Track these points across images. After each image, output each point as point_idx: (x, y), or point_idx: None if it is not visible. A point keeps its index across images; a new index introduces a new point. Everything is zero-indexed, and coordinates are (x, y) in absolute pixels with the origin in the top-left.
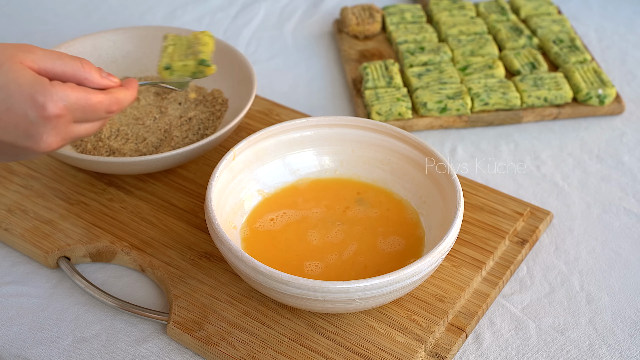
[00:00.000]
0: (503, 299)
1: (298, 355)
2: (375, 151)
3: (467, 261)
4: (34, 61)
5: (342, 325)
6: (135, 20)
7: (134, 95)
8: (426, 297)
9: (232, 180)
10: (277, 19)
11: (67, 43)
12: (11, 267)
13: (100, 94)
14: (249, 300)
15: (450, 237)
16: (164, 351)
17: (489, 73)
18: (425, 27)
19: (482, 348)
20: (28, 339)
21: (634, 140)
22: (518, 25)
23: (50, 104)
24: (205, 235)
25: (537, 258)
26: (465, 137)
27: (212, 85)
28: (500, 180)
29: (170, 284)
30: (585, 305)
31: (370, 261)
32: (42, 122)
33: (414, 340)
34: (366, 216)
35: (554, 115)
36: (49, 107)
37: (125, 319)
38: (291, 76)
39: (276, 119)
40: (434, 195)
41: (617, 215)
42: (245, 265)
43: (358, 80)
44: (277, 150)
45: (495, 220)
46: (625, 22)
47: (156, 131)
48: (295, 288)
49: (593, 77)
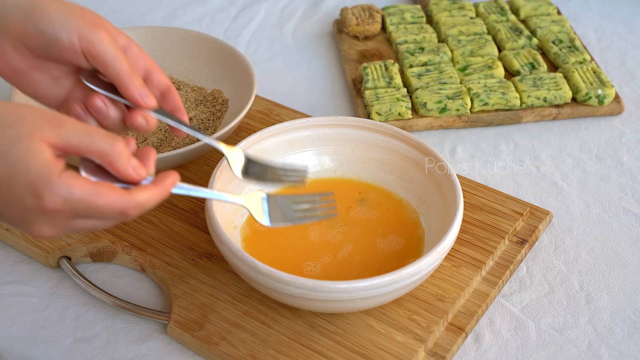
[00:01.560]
0: (503, 299)
1: (298, 354)
2: (375, 151)
3: (466, 261)
4: (59, 136)
5: (342, 325)
6: (136, 20)
7: (163, 195)
8: (426, 296)
9: (232, 180)
10: (277, 19)
11: None
12: (12, 266)
13: (113, 194)
14: (249, 300)
15: (450, 237)
16: (164, 351)
17: (488, 73)
18: (425, 28)
19: (481, 348)
20: (29, 339)
21: (633, 140)
22: (517, 26)
23: (49, 197)
24: (205, 235)
25: (536, 258)
26: (465, 137)
27: (212, 85)
28: (499, 180)
29: (171, 283)
30: (585, 304)
31: (370, 261)
32: (37, 212)
33: (413, 340)
34: (367, 216)
35: (554, 115)
36: (46, 199)
37: (126, 319)
38: (291, 76)
39: (276, 119)
40: (434, 195)
41: (616, 215)
42: (246, 265)
43: (358, 81)
44: (277, 151)
45: (495, 220)
46: (624, 22)
47: (156, 131)
48: (295, 288)
49: (592, 78)
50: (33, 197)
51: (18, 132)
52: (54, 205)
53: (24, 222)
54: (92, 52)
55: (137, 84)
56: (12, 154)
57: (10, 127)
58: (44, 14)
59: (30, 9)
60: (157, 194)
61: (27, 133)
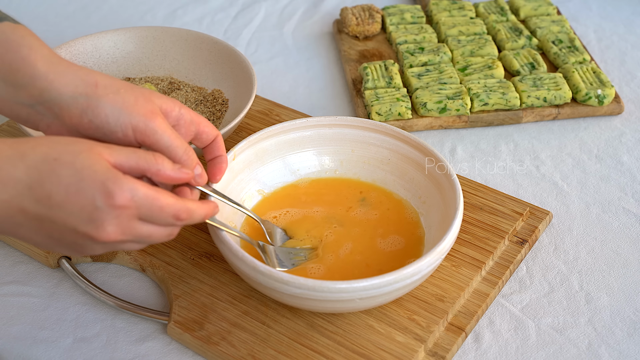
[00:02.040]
0: (502, 299)
1: (298, 354)
2: (375, 151)
3: (466, 261)
4: (111, 154)
5: (342, 325)
6: (136, 20)
7: (208, 212)
8: (426, 296)
9: (232, 180)
10: (277, 20)
11: (68, 43)
12: (12, 266)
13: (170, 197)
14: (249, 300)
15: (450, 237)
16: (164, 351)
17: (488, 73)
18: (425, 28)
19: (481, 348)
20: (29, 339)
21: (633, 140)
22: (517, 26)
23: (119, 192)
24: (205, 235)
25: (536, 258)
26: (465, 137)
27: (212, 85)
28: (499, 180)
29: (171, 283)
30: (585, 304)
31: (371, 260)
32: (107, 209)
33: (413, 340)
34: (367, 216)
35: (554, 115)
36: (116, 195)
37: (126, 319)
38: (291, 76)
39: (276, 119)
40: (434, 195)
41: (616, 215)
42: (246, 265)
43: (358, 81)
44: (277, 151)
45: (495, 220)
46: (624, 22)
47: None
48: (295, 288)
49: (592, 78)
50: (103, 194)
51: (78, 147)
52: (123, 200)
53: (91, 224)
54: (147, 142)
55: (190, 164)
56: (77, 163)
57: (70, 144)
58: (99, 109)
59: (86, 103)
60: (205, 205)
61: (86, 147)
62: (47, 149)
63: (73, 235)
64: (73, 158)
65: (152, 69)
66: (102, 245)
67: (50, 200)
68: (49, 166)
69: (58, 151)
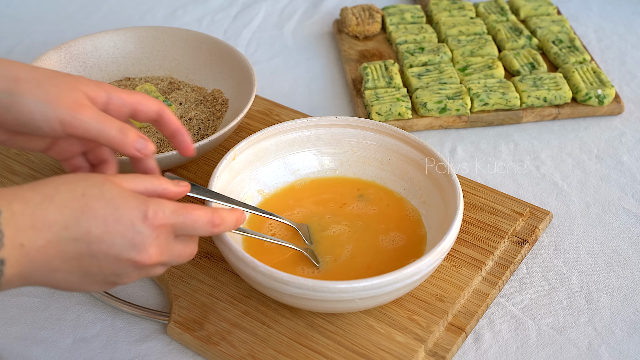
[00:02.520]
0: (503, 299)
1: (298, 354)
2: (375, 151)
3: (466, 261)
4: (126, 182)
5: (342, 325)
6: (136, 20)
7: (238, 217)
8: (426, 296)
9: (232, 180)
10: (277, 20)
11: (68, 43)
12: None
13: (200, 207)
14: (249, 300)
15: (450, 237)
16: (164, 351)
17: (488, 73)
18: (425, 28)
19: (481, 348)
20: (29, 339)
21: (633, 141)
22: (517, 26)
23: (153, 213)
24: None
25: (536, 258)
26: (465, 137)
27: (212, 85)
28: (499, 180)
29: (171, 283)
30: (585, 304)
31: (372, 259)
32: (147, 231)
33: (413, 340)
34: (366, 213)
35: (554, 115)
36: (152, 216)
37: (126, 319)
38: (291, 76)
39: (276, 119)
40: (434, 195)
41: (616, 215)
42: (246, 265)
43: (358, 81)
44: (277, 151)
45: (495, 220)
46: (624, 22)
47: (157, 131)
48: (295, 288)
49: (592, 78)
50: (140, 218)
51: (96, 180)
52: (160, 219)
53: (134, 249)
54: (76, 134)
55: (129, 141)
56: (106, 194)
57: (86, 179)
58: (23, 106)
59: (9, 101)
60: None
61: (103, 179)
62: (70, 187)
63: (114, 266)
64: (99, 191)
65: (152, 69)
66: (143, 270)
67: (89, 235)
68: (79, 202)
69: (81, 187)
